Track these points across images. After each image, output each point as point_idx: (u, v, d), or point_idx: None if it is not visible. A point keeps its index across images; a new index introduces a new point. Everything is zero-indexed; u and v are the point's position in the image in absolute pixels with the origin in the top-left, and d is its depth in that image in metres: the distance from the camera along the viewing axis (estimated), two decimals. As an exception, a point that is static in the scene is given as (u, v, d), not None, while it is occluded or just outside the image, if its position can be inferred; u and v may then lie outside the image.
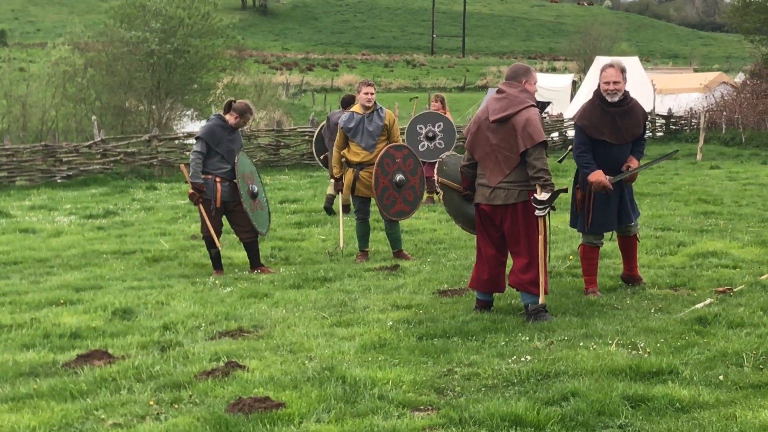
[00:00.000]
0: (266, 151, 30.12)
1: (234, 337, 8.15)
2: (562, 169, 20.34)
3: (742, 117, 37.96)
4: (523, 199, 8.47)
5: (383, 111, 12.30)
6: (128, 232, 16.15)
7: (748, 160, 29.77)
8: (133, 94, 36.33)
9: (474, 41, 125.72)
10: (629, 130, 9.40)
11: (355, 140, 12.21)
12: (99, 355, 7.58)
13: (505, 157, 8.51)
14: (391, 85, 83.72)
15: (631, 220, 9.62)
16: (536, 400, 6.08)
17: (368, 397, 6.24)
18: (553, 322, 8.17)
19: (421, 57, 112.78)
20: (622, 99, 9.32)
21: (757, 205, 16.65)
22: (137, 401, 6.37)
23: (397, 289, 10.04)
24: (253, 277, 11.41)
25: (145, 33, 35.29)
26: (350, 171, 12.33)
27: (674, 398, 5.99)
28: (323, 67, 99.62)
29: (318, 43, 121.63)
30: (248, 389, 6.44)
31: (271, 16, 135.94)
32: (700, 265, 10.50)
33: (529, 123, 8.38)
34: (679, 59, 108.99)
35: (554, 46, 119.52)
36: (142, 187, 24.35)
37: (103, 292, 10.58)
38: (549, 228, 8.71)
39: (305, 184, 24.31)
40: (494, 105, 8.65)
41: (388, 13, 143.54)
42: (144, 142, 28.27)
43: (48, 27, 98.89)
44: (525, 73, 8.74)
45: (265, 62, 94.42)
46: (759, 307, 8.41)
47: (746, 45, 56.49)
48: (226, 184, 11.67)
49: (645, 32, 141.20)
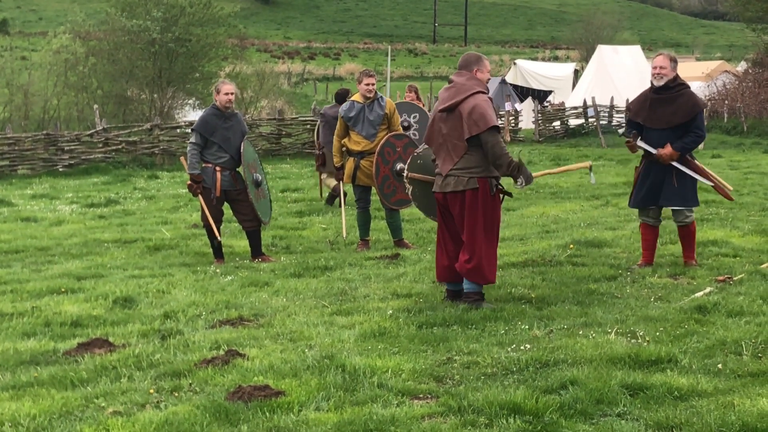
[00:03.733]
0: (268, 139, 30.17)
1: (234, 326, 8.16)
2: (564, 158, 20.34)
3: (744, 106, 37.93)
4: (472, 187, 8.45)
5: (384, 100, 12.29)
6: (129, 220, 16.18)
7: (750, 149, 29.79)
8: (135, 82, 36.32)
9: (476, 30, 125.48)
10: (666, 117, 9.74)
11: (356, 129, 12.21)
12: (99, 343, 7.60)
13: (454, 146, 8.51)
14: (393, 74, 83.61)
15: (675, 203, 9.89)
16: (535, 389, 6.09)
17: (367, 386, 6.25)
18: (552, 311, 8.18)
19: (423, 46, 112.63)
20: (668, 86, 9.75)
21: (758, 194, 16.66)
22: (137, 389, 6.39)
23: (398, 277, 10.05)
24: (254, 265, 11.43)
25: (147, 22, 35.26)
26: (351, 160, 12.34)
27: (673, 386, 5.99)
28: (325, 56, 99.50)
29: (320, 31, 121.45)
30: (248, 377, 6.45)
31: (272, 4, 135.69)
32: (700, 254, 10.51)
33: (474, 110, 8.37)
34: (682, 48, 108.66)
35: (556, 35, 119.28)
36: (143, 176, 24.40)
37: (104, 281, 10.61)
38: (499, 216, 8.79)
39: (307, 173, 24.33)
40: (443, 95, 8.68)
41: (390, 1, 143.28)
42: (146, 130, 28.31)
43: (50, 16, 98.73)
44: (477, 61, 8.73)
45: (267, 51, 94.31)
46: (759, 295, 8.42)
47: (748, 34, 56.37)
48: (227, 173, 11.68)
49: (647, 21, 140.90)
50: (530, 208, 15.94)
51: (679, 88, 9.79)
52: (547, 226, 13.54)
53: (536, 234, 12.79)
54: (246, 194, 11.74)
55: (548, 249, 11.30)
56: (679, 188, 9.81)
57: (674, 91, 9.75)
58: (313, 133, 19.29)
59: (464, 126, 8.38)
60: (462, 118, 8.41)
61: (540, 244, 11.71)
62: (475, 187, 8.44)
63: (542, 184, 19.39)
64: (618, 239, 11.81)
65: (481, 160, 8.45)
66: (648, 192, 9.91)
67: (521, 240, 12.41)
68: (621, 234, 12.20)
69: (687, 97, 9.82)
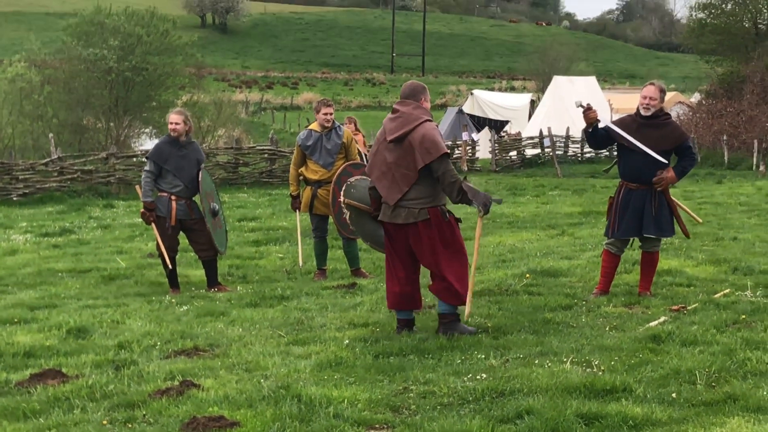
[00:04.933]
0: (225, 168, 30.09)
1: (189, 356, 8.10)
2: (520, 188, 20.43)
3: (698, 137, 38.33)
4: (423, 218, 8.43)
5: (341, 129, 12.33)
6: (84, 250, 16.05)
7: (704, 179, 30.07)
8: (91, 111, 36.16)
9: (434, 60, 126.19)
10: (654, 140, 9.78)
11: (313, 158, 12.22)
12: (53, 374, 7.51)
13: (402, 175, 8.43)
14: (351, 103, 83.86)
15: (651, 232, 9.92)
16: (491, 418, 6.09)
17: (323, 416, 6.22)
18: (508, 340, 8.19)
19: (380, 75, 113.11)
20: (656, 115, 9.85)
21: (712, 224, 16.79)
22: (90, 420, 6.32)
23: (354, 307, 10.03)
24: (210, 295, 11.37)
25: (103, 50, 35.16)
26: (308, 189, 12.34)
27: (628, 416, 6.01)
28: (283, 85, 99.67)
29: (278, 61, 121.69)
30: (203, 408, 6.40)
31: (231, 34, 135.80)
32: (655, 283, 10.56)
33: (425, 138, 8.32)
34: (636, 79, 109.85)
35: (513, 66, 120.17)
36: (99, 205, 24.23)
37: (58, 311, 10.50)
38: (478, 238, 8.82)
39: (264, 202, 24.28)
40: (390, 125, 8.56)
41: (349, 31, 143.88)
42: (101, 159, 28.13)
43: (5, 44, 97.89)
44: (423, 90, 8.70)
45: (225, 80, 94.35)
46: (712, 325, 8.47)
47: (702, 65, 57.17)
48: (182, 202, 11.62)
49: (603, 52, 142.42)
50: (487, 237, 15.97)
51: (665, 117, 9.95)
52: (504, 256, 13.57)
53: (493, 263, 12.82)
54: (202, 223, 11.70)
55: (504, 278, 11.32)
56: (657, 217, 9.88)
57: (661, 120, 9.89)
58: (271, 162, 19.24)
59: (416, 155, 8.33)
60: (413, 148, 8.35)
61: (496, 274, 11.74)
62: (426, 218, 8.44)
63: (499, 213, 19.47)
64: (574, 268, 11.87)
65: (431, 189, 8.42)
66: (630, 222, 9.90)
67: (478, 269, 12.39)
68: (576, 263, 12.25)
69: (674, 126, 10.02)
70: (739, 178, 31.74)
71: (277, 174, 30.06)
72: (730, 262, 12.02)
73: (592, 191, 25.91)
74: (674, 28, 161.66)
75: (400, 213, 8.47)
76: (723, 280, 10.95)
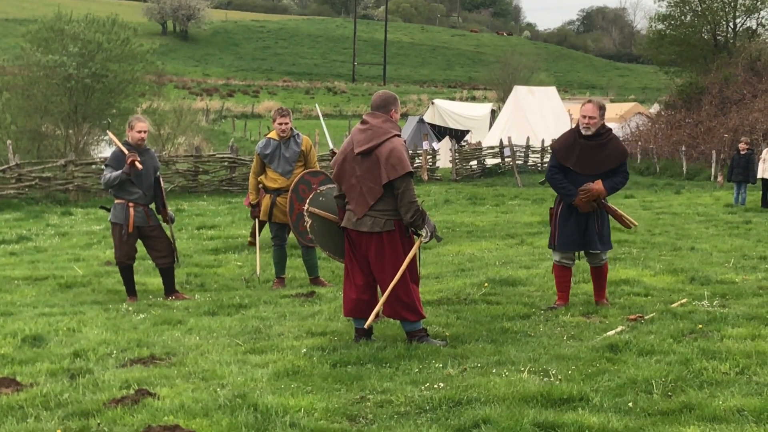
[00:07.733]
0: (185, 176, 29.99)
1: (146, 365, 8.04)
2: (480, 197, 20.52)
3: (657, 147, 38.66)
4: (389, 229, 8.42)
5: (300, 137, 12.31)
6: (41, 257, 15.92)
7: (662, 189, 30.30)
8: (50, 118, 35.91)
9: (395, 69, 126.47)
10: (596, 164, 9.84)
11: (272, 166, 12.20)
12: (6, 382, 7.42)
13: (369, 188, 8.42)
14: (312, 112, 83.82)
15: (596, 247, 9.98)
16: (448, 428, 6.08)
17: (280, 425, 6.19)
18: (466, 349, 8.19)
19: (342, 84, 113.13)
20: (597, 134, 9.85)
21: (670, 234, 16.91)
22: (44, 429, 6.24)
23: (313, 316, 10.00)
24: (168, 303, 11.30)
25: (63, 57, 34.97)
26: (267, 197, 12.30)
27: (584, 425, 6.03)
28: (244, 93, 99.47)
29: (239, 69, 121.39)
30: (158, 417, 6.35)
31: (191, 41, 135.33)
32: (612, 293, 10.63)
33: (392, 154, 8.31)
34: (596, 90, 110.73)
35: (474, 75, 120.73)
36: (57, 213, 24.04)
37: (13, 319, 10.39)
38: (419, 250, 8.76)
39: (223, 210, 24.19)
40: (358, 136, 8.54)
41: (310, 40, 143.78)
42: (60, 167, 27.94)
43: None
44: (394, 101, 8.66)
45: (185, 88, 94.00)
46: (669, 334, 8.52)
47: (662, 76, 57.64)
48: (140, 209, 11.56)
49: (563, 63, 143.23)
50: (446, 246, 16.00)
51: (606, 134, 9.93)
52: (463, 265, 13.60)
53: (452, 272, 12.83)
54: (160, 230, 11.65)
55: (463, 287, 11.34)
56: (600, 232, 9.93)
57: (603, 138, 9.88)
58: (231, 170, 19.18)
59: (382, 170, 8.34)
60: (379, 162, 8.34)
61: (455, 283, 11.75)
62: (392, 229, 8.43)
63: (458, 222, 19.50)
64: (532, 278, 11.91)
65: (397, 203, 8.44)
66: (572, 235, 9.96)
67: (437, 278, 12.44)
68: (535, 272, 12.30)
69: (615, 143, 9.98)
70: (698, 188, 32.04)
71: (237, 182, 30.04)
72: (687, 272, 12.11)
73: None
74: (634, 39, 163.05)
75: (366, 222, 8.46)
76: (680, 289, 11.03)
